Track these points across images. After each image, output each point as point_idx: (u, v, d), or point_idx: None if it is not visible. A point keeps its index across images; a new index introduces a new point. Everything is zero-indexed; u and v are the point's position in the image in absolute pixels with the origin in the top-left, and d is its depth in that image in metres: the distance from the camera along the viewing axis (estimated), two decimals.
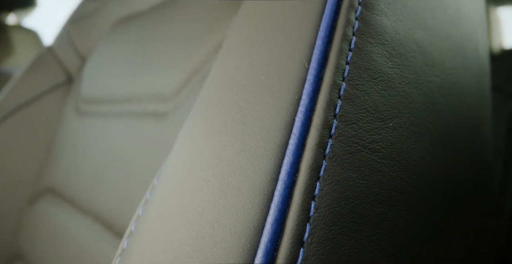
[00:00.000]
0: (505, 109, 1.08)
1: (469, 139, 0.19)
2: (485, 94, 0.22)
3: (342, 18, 0.13)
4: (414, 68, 0.15)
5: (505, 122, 1.08)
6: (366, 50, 0.13)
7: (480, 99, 0.21)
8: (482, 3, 0.28)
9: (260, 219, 0.10)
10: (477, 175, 0.20)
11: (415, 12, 0.16)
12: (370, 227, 0.11)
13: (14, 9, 0.99)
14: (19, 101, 0.57)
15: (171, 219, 0.12)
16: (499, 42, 1.14)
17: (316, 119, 0.11)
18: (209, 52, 0.33)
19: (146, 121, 0.37)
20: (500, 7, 1.46)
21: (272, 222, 0.10)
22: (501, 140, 1.08)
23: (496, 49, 1.12)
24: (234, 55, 0.14)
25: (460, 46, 0.18)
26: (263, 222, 0.10)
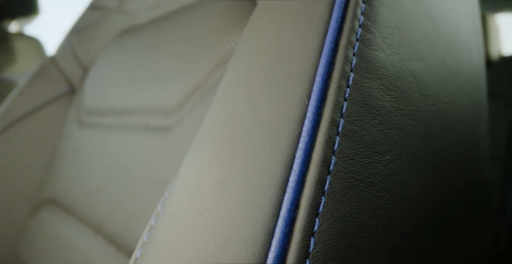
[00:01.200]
0: (505, 115, 1.08)
1: (465, 162, 0.19)
2: (482, 114, 0.22)
3: (341, 54, 0.13)
4: (410, 99, 0.15)
5: (505, 129, 1.08)
6: (363, 86, 0.13)
7: (476, 121, 0.21)
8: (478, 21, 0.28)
9: (262, 255, 0.11)
10: (474, 196, 0.21)
11: (411, 43, 0.16)
12: (368, 260, 0.12)
13: (17, 17, 1.00)
14: (22, 110, 0.58)
15: (175, 250, 0.12)
16: (498, 49, 1.15)
17: (316, 156, 0.12)
18: (210, 69, 0.33)
19: (148, 135, 0.37)
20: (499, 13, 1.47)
21: (273, 258, 0.11)
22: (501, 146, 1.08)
23: (495, 56, 1.13)
24: (236, 88, 0.15)
25: (456, 72, 0.19)
26: (265, 259, 0.11)
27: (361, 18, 0.14)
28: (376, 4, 0.15)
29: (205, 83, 0.33)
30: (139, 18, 0.52)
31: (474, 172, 0.20)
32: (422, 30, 0.17)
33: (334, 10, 0.14)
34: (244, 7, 0.35)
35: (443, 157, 0.17)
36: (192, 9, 0.41)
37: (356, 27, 0.14)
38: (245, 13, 0.34)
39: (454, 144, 0.17)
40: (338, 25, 0.14)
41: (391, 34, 0.15)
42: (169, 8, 0.47)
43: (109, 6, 0.60)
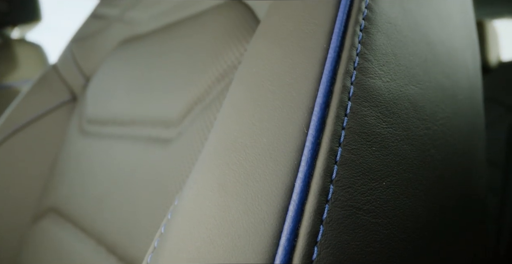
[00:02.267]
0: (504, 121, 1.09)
1: (460, 181, 0.20)
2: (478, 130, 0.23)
3: (339, 83, 0.14)
4: (407, 124, 0.16)
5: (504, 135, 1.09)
6: (361, 114, 0.14)
7: (472, 138, 0.22)
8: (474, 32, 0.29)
9: None
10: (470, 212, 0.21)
11: (408, 69, 0.17)
12: None
13: (19, 24, 1.01)
14: (24, 119, 0.58)
15: None
16: (497, 55, 1.16)
17: (314, 186, 0.12)
18: (210, 82, 0.34)
19: (150, 146, 0.38)
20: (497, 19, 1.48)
21: None
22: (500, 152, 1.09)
23: (493, 61, 1.13)
24: (237, 113, 0.15)
25: (451, 92, 0.19)
26: None
27: (358, 46, 0.15)
28: (373, 32, 0.16)
29: (206, 96, 0.34)
30: (140, 28, 0.53)
31: (469, 189, 0.20)
32: (418, 54, 0.18)
33: (332, 38, 0.15)
34: (245, 22, 0.35)
35: (438, 178, 0.17)
36: (193, 21, 0.42)
37: (354, 56, 0.15)
38: (246, 28, 0.35)
39: (449, 165, 0.18)
40: (336, 54, 0.14)
41: (388, 61, 0.16)
42: (170, 19, 0.48)
43: (111, 15, 0.60)
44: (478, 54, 0.28)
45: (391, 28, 0.16)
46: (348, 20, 0.15)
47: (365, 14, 0.16)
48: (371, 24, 0.16)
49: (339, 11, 0.15)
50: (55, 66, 0.63)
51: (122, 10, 0.58)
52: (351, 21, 0.15)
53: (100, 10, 0.63)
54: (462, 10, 0.26)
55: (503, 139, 1.10)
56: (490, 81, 1.17)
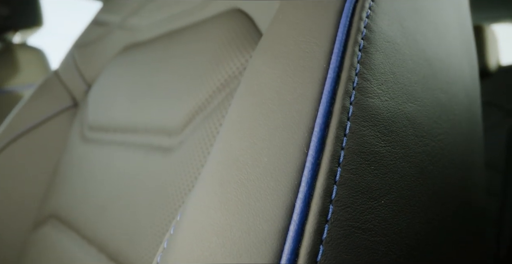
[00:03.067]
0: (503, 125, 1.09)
1: (460, 194, 0.20)
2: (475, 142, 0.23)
3: (338, 104, 0.14)
4: (405, 142, 0.16)
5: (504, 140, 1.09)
6: (360, 134, 0.14)
7: (470, 152, 0.22)
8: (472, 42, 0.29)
9: None
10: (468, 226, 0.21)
11: (406, 86, 0.17)
12: None
13: (20, 29, 1.01)
14: (26, 125, 0.58)
15: None
16: (496, 59, 1.16)
17: (314, 206, 0.13)
18: (211, 92, 0.34)
19: (151, 154, 0.38)
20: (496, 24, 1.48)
21: None
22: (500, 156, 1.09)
23: (493, 66, 1.14)
24: (239, 131, 0.16)
25: (449, 108, 0.20)
26: None
27: (357, 66, 0.15)
28: (372, 51, 0.16)
29: (207, 106, 0.34)
30: (142, 35, 0.53)
31: (468, 199, 0.20)
32: (416, 71, 0.18)
33: (332, 58, 0.15)
34: (245, 32, 0.36)
35: (436, 193, 0.18)
36: (193, 30, 0.42)
37: (353, 76, 0.15)
38: (246, 37, 0.35)
39: (447, 179, 0.18)
40: (335, 75, 0.15)
41: (387, 79, 0.16)
42: (171, 27, 0.48)
43: (112, 22, 0.61)
44: (476, 64, 0.28)
45: (389, 47, 0.17)
46: (347, 40, 0.16)
47: (364, 34, 0.16)
48: (370, 43, 0.16)
49: (338, 31, 0.16)
50: (56, 72, 0.63)
51: (123, 17, 0.58)
52: (350, 41, 0.15)
53: (102, 17, 0.63)
54: (460, 21, 0.27)
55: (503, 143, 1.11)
56: (490, 86, 1.17)
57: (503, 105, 1.17)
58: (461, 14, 0.27)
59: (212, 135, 0.32)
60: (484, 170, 0.25)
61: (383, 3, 0.17)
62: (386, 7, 0.17)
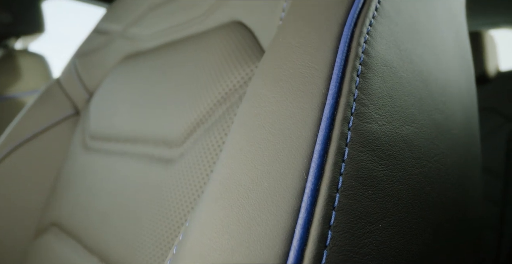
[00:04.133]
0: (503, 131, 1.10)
1: (457, 212, 0.20)
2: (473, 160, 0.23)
3: (337, 130, 0.15)
4: (402, 165, 0.16)
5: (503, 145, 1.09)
6: (358, 160, 0.15)
7: (467, 167, 0.22)
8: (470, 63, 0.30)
9: None
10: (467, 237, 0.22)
11: (403, 109, 0.17)
12: None
13: (22, 35, 1.02)
14: (28, 133, 0.59)
15: None
16: (495, 65, 1.16)
17: (313, 232, 0.13)
18: (213, 105, 0.35)
19: (152, 165, 0.38)
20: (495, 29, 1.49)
21: None
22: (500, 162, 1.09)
23: (492, 71, 1.14)
24: (240, 155, 0.16)
25: (446, 128, 0.20)
26: None
27: (355, 92, 0.16)
28: (370, 76, 0.16)
29: (208, 118, 0.34)
30: (143, 45, 0.54)
31: (465, 222, 0.21)
32: (413, 94, 0.18)
33: (331, 84, 0.16)
34: (246, 45, 0.36)
35: (433, 215, 0.18)
36: (194, 41, 0.43)
37: (351, 101, 0.15)
38: (247, 51, 0.36)
39: (444, 198, 0.19)
40: (334, 101, 0.15)
41: (384, 104, 0.16)
42: (172, 38, 0.48)
43: (113, 30, 0.61)
44: (473, 78, 0.29)
45: (387, 71, 0.17)
46: (346, 66, 0.16)
47: (362, 59, 0.16)
48: (368, 68, 0.16)
49: (337, 57, 0.16)
50: (58, 80, 0.64)
51: (125, 26, 0.59)
52: (349, 67, 0.16)
53: (103, 26, 0.64)
54: (457, 36, 0.27)
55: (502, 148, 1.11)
56: (489, 91, 1.18)
57: (502, 110, 1.17)
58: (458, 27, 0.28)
59: (213, 148, 0.32)
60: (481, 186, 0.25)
61: (380, 27, 0.18)
62: (384, 31, 0.18)
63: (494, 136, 1.13)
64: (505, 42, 1.39)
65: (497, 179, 1.12)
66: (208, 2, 0.44)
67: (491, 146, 1.12)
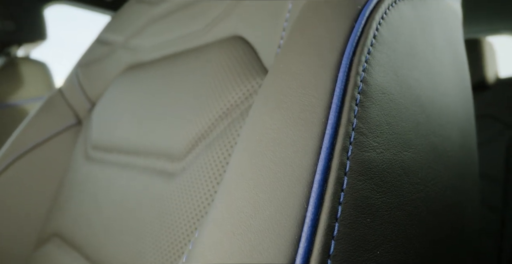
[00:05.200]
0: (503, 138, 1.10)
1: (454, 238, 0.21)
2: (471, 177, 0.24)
3: (336, 160, 0.15)
4: (400, 191, 0.17)
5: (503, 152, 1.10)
6: (356, 188, 0.15)
7: (465, 187, 0.23)
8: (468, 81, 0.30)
9: None
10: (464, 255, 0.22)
11: (400, 135, 0.18)
12: None
13: (24, 43, 1.03)
14: (30, 143, 0.59)
15: None
16: (495, 71, 1.17)
17: (313, 262, 0.13)
18: (214, 120, 0.35)
19: (155, 178, 0.39)
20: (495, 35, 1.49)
21: None
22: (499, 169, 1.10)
23: (491, 78, 1.15)
24: (242, 182, 0.16)
25: (443, 151, 0.21)
26: None
27: (354, 121, 0.16)
28: (368, 105, 0.17)
29: (209, 133, 0.35)
30: (144, 56, 0.54)
31: (463, 243, 0.21)
32: (411, 119, 0.19)
33: (330, 114, 0.16)
34: (247, 60, 0.37)
35: (431, 239, 0.18)
36: (196, 55, 0.43)
37: (350, 131, 0.16)
38: (248, 66, 0.36)
39: (442, 223, 0.19)
40: (334, 130, 0.16)
41: (382, 131, 0.17)
42: (173, 50, 0.49)
43: (115, 41, 0.62)
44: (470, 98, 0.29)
45: (385, 98, 0.18)
46: (345, 95, 0.16)
47: (360, 88, 0.17)
48: (366, 97, 0.17)
49: (336, 86, 0.17)
50: (60, 90, 0.64)
51: (127, 37, 0.60)
52: (348, 97, 0.16)
53: (105, 36, 0.64)
54: (455, 57, 0.28)
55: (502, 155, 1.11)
56: (488, 98, 1.18)
57: (502, 117, 1.18)
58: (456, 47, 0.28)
59: (215, 164, 0.33)
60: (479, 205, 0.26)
61: (378, 55, 0.18)
62: (382, 59, 0.18)
63: (494, 142, 1.13)
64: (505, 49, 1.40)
65: (497, 186, 1.12)
66: (209, 16, 0.45)
67: (490, 152, 1.13)
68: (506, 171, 1.14)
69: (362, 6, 0.19)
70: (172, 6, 0.53)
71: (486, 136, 1.14)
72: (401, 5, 0.22)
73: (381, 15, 0.20)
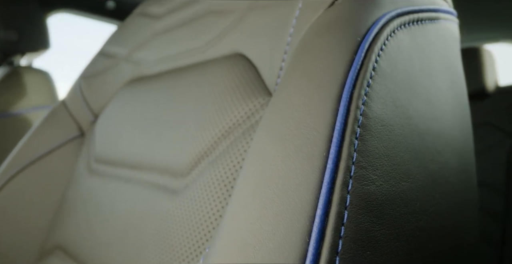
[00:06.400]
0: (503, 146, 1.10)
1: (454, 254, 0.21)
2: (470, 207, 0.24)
3: (337, 194, 0.16)
4: (399, 222, 0.17)
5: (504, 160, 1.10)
6: (356, 222, 0.16)
7: (463, 219, 0.23)
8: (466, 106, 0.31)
9: None
10: None
11: (399, 166, 0.18)
12: None
13: (28, 52, 1.03)
14: (34, 154, 0.60)
15: None
16: (494, 80, 1.18)
17: None
18: (217, 138, 0.36)
19: (158, 194, 0.39)
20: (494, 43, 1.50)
21: None
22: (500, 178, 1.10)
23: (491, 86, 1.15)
24: (246, 212, 0.17)
25: (441, 178, 0.21)
26: None
27: (354, 155, 0.17)
28: (368, 138, 0.17)
29: (212, 151, 0.36)
30: (147, 70, 0.55)
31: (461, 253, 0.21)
32: (409, 149, 0.19)
33: (331, 148, 0.17)
34: (248, 79, 0.37)
35: (430, 262, 0.19)
36: (198, 70, 0.44)
37: (350, 165, 0.16)
38: (249, 85, 0.37)
39: (440, 251, 0.19)
40: (334, 165, 0.16)
41: (381, 164, 0.17)
42: (176, 64, 0.50)
43: (118, 54, 0.63)
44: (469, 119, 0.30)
45: (384, 130, 0.18)
46: (345, 130, 0.17)
47: (360, 122, 0.17)
48: (366, 130, 0.17)
49: (337, 120, 0.17)
50: (64, 102, 0.65)
51: (130, 50, 0.60)
52: (348, 131, 0.17)
53: (108, 49, 0.65)
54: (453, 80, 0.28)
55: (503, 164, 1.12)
56: (488, 107, 1.19)
57: (502, 126, 1.18)
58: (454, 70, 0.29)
59: (218, 183, 0.33)
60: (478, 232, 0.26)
61: (378, 87, 0.19)
62: (381, 91, 0.19)
63: (494, 151, 1.14)
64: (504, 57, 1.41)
65: (498, 195, 1.12)
66: (212, 32, 0.46)
67: (491, 161, 1.13)
68: (507, 179, 1.14)
69: (362, 38, 0.20)
70: (175, 21, 0.54)
71: (486, 144, 1.15)
72: (400, 34, 0.22)
73: (380, 47, 0.20)
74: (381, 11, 0.22)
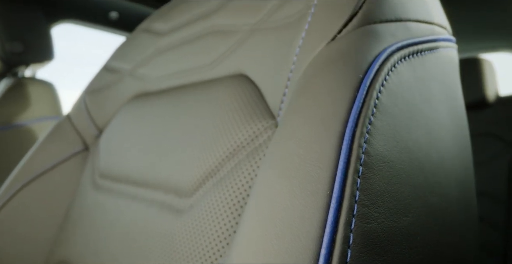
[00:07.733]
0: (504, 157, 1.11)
1: None
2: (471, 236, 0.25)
3: (340, 233, 0.16)
4: (400, 258, 0.18)
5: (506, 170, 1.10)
6: (359, 260, 0.16)
7: (464, 251, 0.24)
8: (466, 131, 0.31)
9: None
10: None
11: (400, 201, 0.19)
12: None
13: (32, 63, 1.05)
14: (39, 168, 0.61)
15: None
16: (495, 90, 1.18)
17: None
18: (221, 160, 0.36)
19: (162, 213, 0.40)
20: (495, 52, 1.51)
21: None
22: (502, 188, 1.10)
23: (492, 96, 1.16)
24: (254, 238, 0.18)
25: (441, 210, 0.22)
26: None
27: (357, 194, 0.17)
28: (370, 176, 0.18)
29: (216, 172, 0.36)
30: (152, 86, 0.56)
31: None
32: (409, 183, 0.20)
33: (334, 187, 0.17)
34: (252, 100, 0.38)
35: None
36: (203, 88, 0.45)
37: (353, 204, 0.17)
38: (253, 106, 0.38)
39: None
40: (338, 204, 0.17)
41: (383, 200, 0.18)
42: (181, 82, 0.51)
43: (122, 69, 0.64)
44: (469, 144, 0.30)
45: (385, 167, 0.19)
46: (348, 169, 0.18)
47: (362, 160, 0.18)
48: (368, 168, 0.18)
49: (340, 159, 0.18)
50: (68, 116, 0.66)
51: (134, 66, 0.61)
52: (351, 170, 0.18)
53: (113, 64, 0.66)
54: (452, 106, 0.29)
55: (504, 173, 1.12)
56: (489, 117, 1.19)
57: (503, 136, 1.19)
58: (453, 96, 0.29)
59: (222, 204, 0.34)
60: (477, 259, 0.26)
61: (379, 124, 0.20)
62: (382, 127, 0.20)
63: (495, 161, 1.14)
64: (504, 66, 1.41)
65: (500, 205, 1.12)
66: (216, 52, 0.47)
67: (493, 171, 1.14)
68: (508, 189, 1.14)
69: (363, 75, 0.21)
70: (180, 39, 0.55)
71: (487, 155, 1.15)
72: (400, 67, 0.23)
73: (382, 83, 0.21)
74: (382, 45, 0.23)
